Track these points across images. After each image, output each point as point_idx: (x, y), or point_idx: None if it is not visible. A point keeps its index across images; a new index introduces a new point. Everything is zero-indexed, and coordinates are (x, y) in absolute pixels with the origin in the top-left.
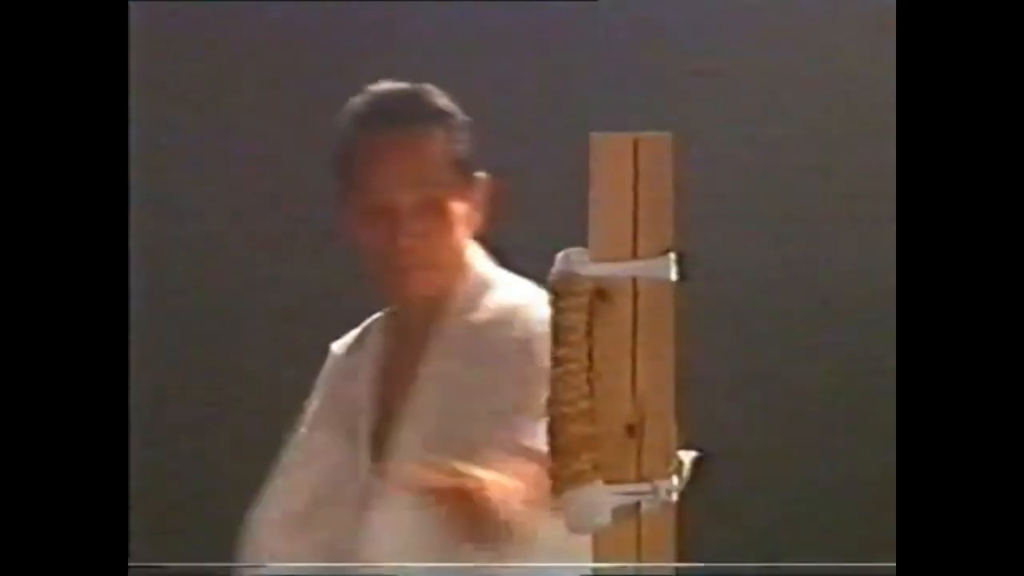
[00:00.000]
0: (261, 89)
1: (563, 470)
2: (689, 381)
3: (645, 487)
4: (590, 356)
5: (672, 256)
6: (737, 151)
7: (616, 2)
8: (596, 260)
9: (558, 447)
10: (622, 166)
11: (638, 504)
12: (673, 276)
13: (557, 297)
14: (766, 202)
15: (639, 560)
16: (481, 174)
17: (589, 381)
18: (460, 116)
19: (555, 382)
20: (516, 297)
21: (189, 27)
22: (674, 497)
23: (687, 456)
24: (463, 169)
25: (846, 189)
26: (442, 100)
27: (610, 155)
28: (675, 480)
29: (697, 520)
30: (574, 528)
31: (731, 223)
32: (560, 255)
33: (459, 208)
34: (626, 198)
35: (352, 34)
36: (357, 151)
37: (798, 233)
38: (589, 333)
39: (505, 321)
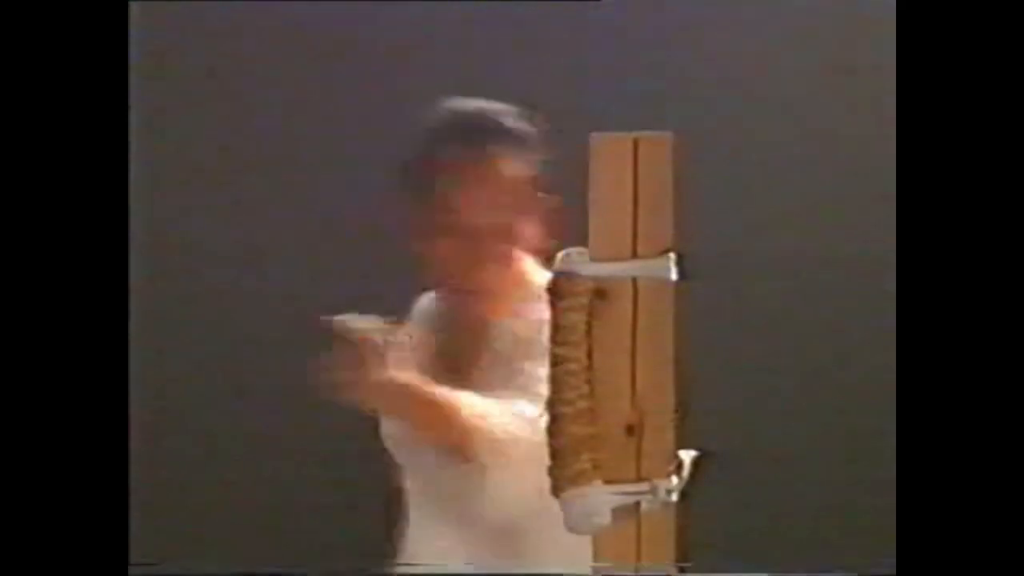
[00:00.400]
0: (262, 89)
1: (563, 470)
2: (689, 381)
3: (645, 487)
4: (589, 356)
5: (672, 256)
6: (737, 151)
7: (616, 2)
8: (596, 260)
9: (558, 447)
10: (622, 166)
11: (638, 504)
12: (673, 276)
13: (557, 297)
14: (766, 202)
15: (639, 560)
16: (546, 194)
17: (588, 381)
18: (534, 137)
19: (554, 382)
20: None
21: (189, 27)
22: (674, 497)
23: (687, 456)
24: (535, 191)
25: (847, 189)
26: (519, 122)
27: (610, 155)
28: (675, 480)
29: (697, 520)
30: (574, 528)
31: (730, 223)
32: (560, 255)
33: (531, 231)
34: (626, 198)
35: (353, 34)
36: (435, 169)
37: (798, 232)
38: (588, 333)
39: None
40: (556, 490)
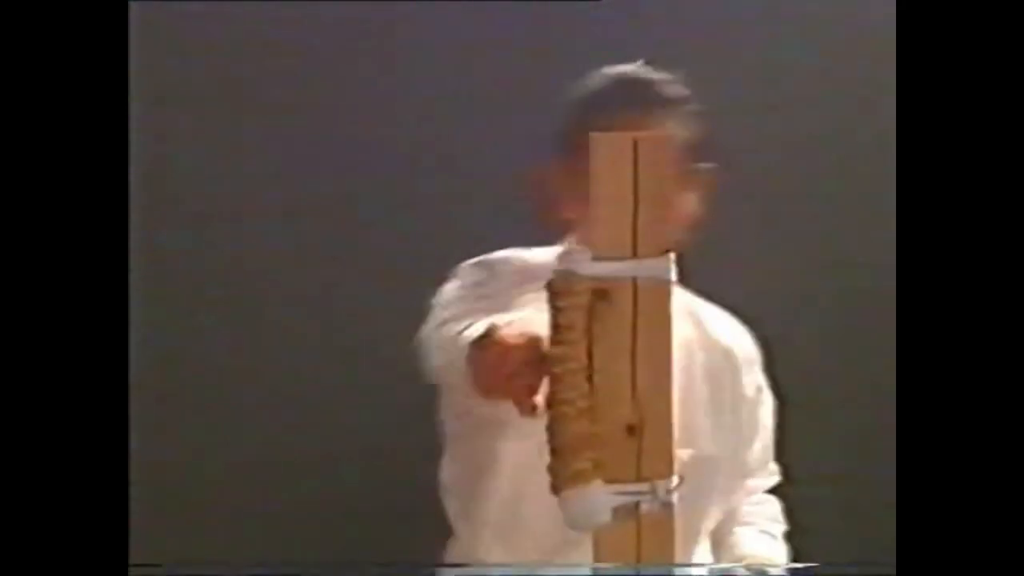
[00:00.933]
0: (263, 89)
1: (563, 469)
2: None
3: (644, 487)
4: (589, 355)
5: (672, 256)
6: (737, 151)
7: (616, 2)
8: (596, 259)
9: (558, 446)
10: (622, 166)
11: (638, 504)
12: (673, 276)
13: (556, 296)
14: (766, 202)
15: (639, 560)
16: (706, 165)
17: (589, 380)
18: (693, 104)
19: (554, 381)
20: (730, 321)
21: (189, 27)
22: (674, 497)
23: (686, 455)
24: (692, 159)
25: (847, 188)
26: (678, 87)
27: (610, 155)
28: (675, 480)
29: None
30: (573, 526)
31: (731, 223)
32: (560, 253)
33: (687, 199)
34: (626, 198)
35: (353, 34)
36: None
37: (797, 233)
38: (588, 332)
39: (730, 347)
40: (556, 488)
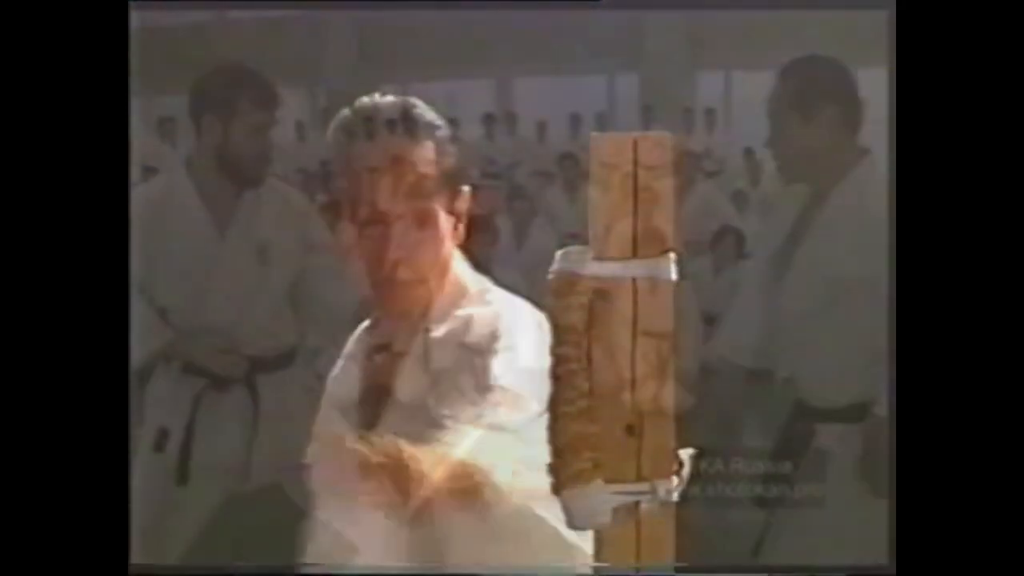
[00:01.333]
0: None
1: (564, 469)
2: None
3: (645, 487)
4: (589, 355)
5: (672, 256)
6: (737, 151)
7: (616, 2)
8: (596, 259)
9: (559, 446)
10: (622, 166)
11: (638, 504)
12: (673, 276)
13: (557, 296)
14: (766, 201)
15: (639, 560)
16: (466, 187)
17: (589, 379)
18: (446, 129)
19: (555, 381)
20: (497, 300)
21: (189, 27)
22: (674, 497)
23: (686, 454)
24: (450, 181)
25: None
26: (428, 113)
27: (610, 155)
28: (675, 480)
29: (697, 520)
30: (574, 526)
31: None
32: (559, 253)
33: (446, 221)
34: (626, 198)
35: (353, 35)
36: (345, 164)
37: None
38: (588, 332)
39: (483, 313)
40: (557, 488)
